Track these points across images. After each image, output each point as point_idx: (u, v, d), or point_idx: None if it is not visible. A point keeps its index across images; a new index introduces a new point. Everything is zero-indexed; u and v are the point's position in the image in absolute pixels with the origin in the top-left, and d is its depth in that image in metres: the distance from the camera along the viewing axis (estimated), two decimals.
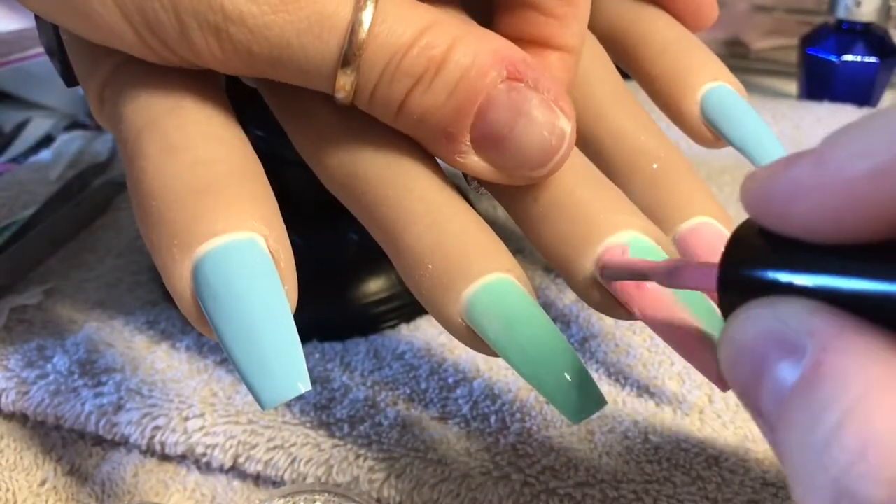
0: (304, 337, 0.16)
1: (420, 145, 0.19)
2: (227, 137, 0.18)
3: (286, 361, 0.16)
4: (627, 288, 0.18)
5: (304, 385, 0.16)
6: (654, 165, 0.22)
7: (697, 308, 0.18)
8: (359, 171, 0.19)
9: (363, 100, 0.18)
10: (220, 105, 0.19)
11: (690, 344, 0.18)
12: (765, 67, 0.62)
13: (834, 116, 0.49)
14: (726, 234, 0.21)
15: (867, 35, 0.52)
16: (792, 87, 0.58)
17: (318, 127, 0.19)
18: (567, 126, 0.18)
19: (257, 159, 0.18)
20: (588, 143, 0.23)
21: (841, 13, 0.52)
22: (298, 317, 0.17)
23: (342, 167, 0.19)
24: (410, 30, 0.17)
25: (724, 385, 0.18)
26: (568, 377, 0.17)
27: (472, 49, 0.17)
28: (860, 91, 0.53)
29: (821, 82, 0.54)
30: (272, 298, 0.16)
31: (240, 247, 0.16)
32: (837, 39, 0.52)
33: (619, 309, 0.19)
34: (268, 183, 0.18)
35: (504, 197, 0.20)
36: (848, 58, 0.52)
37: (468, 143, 0.18)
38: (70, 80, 0.21)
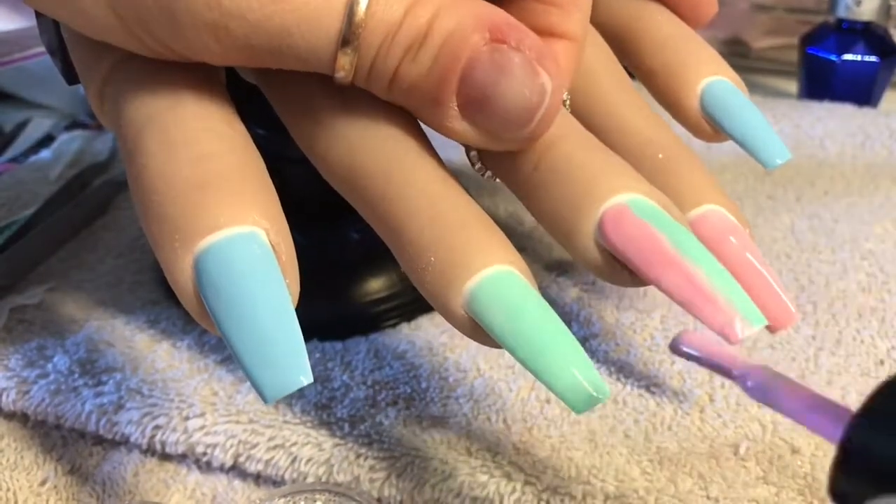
0: (305, 336, 0.16)
1: (420, 140, 0.19)
2: (227, 132, 0.18)
3: (288, 354, 0.16)
4: (630, 246, 0.18)
5: (306, 378, 0.16)
6: (660, 155, 0.22)
7: (700, 258, 0.18)
8: (360, 164, 0.19)
9: (362, 77, 0.18)
10: (221, 100, 0.19)
11: (697, 294, 0.18)
12: (765, 66, 0.62)
13: (834, 116, 0.49)
14: (734, 221, 0.21)
15: (867, 34, 0.52)
16: (792, 86, 0.58)
17: (319, 121, 0.19)
18: (548, 83, 0.18)
19: (258, 154, 0.18)
20: (594, 133, 0.23)
21: (841, 12, 0.52)
22: (299, 315, 0.17)
23: (343, 161, 0.19)
24: (404, 5, 0.17)
25: (732, 335, 0.17)
26: (571, 367, 0.17)
27: (455, 15, 0.17)
28: (860, 90, 0.53)
29: (821, 81, 0.54)
30: (274, 291, 0.16)
31: (241, 240, 0.16)
32: (838, 39, 0.52)
33: (621, 273, 0.19)
34: (269, 177, 0.18)
35: (504, 170, 0.20)
36: (848, 57, 0.52)
37: (455, 109, 0.18)
38: (71, 78, 0.21)
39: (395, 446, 0.26)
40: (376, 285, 0.33)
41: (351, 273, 0.33)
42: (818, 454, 0.26)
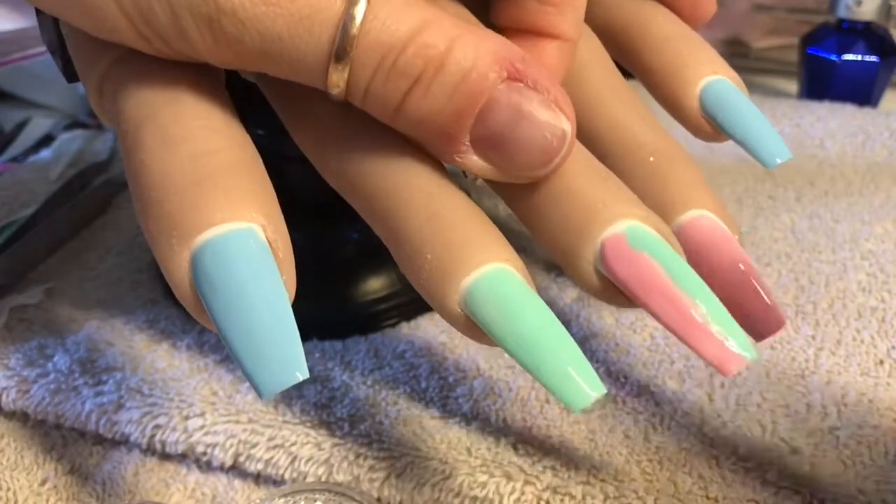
0: (304, 335, 0.16)
1: None
2: (225, 129, 0.18)
3: (284, 350, 0.16)
4: (630, 279, 0.18)
5: (301, 374, 0.16)
6: (651, 158, 0.22)
7: (695, 291, 0.18)
8: (359, 163, 0.19)
9: (357, 97, 0.18)
10: (220, 98, 0.19)
11: (693, 327, 0.18)
12: (765, 67, 0.62)
13: (834, 116, 0.49)
14: (723, 227, 0.21)
15: (868, 34, 0.52)
16: (792, 86, 0.58)
17: (317, 120, 0.19)
18: (567, 127, 0.18)
19: (256, 151, 0.18)
20: (585, 135, 0.23)
21: (841, 12, 0.52)
22: (298, 315, 0.17)
23: (342, 160, 0.19)
24: (405, 27, 0.17)
25: (726, 368, 0.18)
26: (567, 366, 0.17)
27: (471, 50, 0.17)
28: (861, 90, 0.53)
29: (821, 81, 0.53)
30: (270, 288, 0.16)
31: (238, 237, 0.16)
32: (838, 39, 0.52)
33: (620, 298, 0.19)
34: (266, 174, 0.18)
35: (503, 189, 0.20)
36: (848, 57, 0.52)
37: (467, 144, 0.18)
38: (70, 75, 0.21)
39: (395, 446, 0.26)
40: (376, 285, 0.33)
41: (350, 272, 0.33)
42: (818, 454, 0.26)
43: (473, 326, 0.18)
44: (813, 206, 0.40)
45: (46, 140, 0.49)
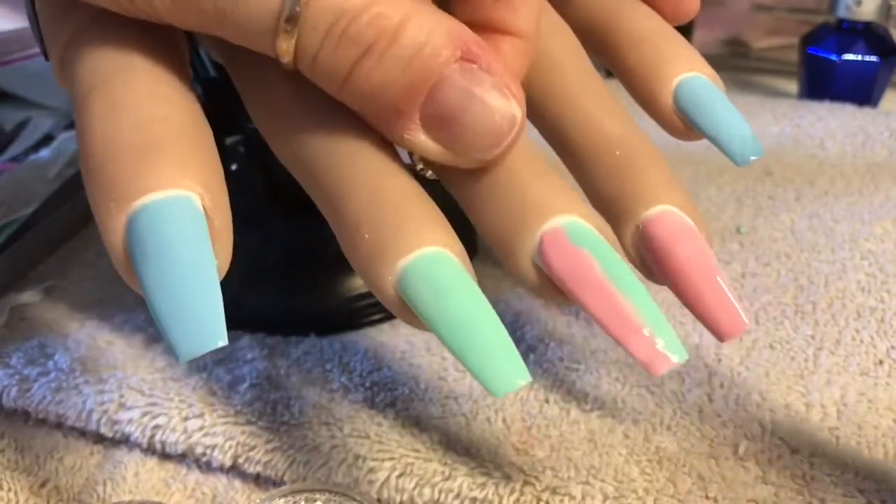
0: (300, 330, 0.16)
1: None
2: (174, 98, 0.18)
3: (206, 317, 0.16)
4: (566, 273, 0.18)
5: (221, 340, 0.16)
6: (617, 152, 0.22)
7: (630, 290, 0.18)
8: (307, 140, 0.19)
9: (306, 65, 0.18)
10: (175, 67, 0.19)
11: (623, 325, 0.18)
12: (765, 67, 0.62)
13: (834, 116, 0.49)
14: (689, 222, 0.21)
15: (868, 34, 0.52)
16: (792, 86, 0.58)
17: (271, 95, 0.19)
18: (517, 112, 0.18)
19: (205, 122, 0.18)
20: (553, 128, 0.23)
21: (841, 12, 0.52)
22: (296, 309, 0.17)
23: (292, 136, 0.19)
24: None
25: (654, 367, 0.18)
26: (492, 351, 0.17)
27: (426, 26, 0.17)
28: (861, 90, 0.53)
29: (821, 81, 0.54)
30: (199, 255, 0.16)
31: (173, 203, 0.17)
32: (838, 38, 0.52)
33: (557, 294, 0.19)
34: (213, 146, 0.18)
35: (446, 176, 0.20)
36: (848, 57, 0.52)
37: (417, 122, 0.18)
38: (47, 53, 0.22)
39: (395, 447, 0.26)
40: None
41: (343, 265, 0.33)
42: (817, 454, 0.26)
43: (407, 309, 0.18)
44: (812, 206, 0.40)
45: (46, 140, 0.49)
